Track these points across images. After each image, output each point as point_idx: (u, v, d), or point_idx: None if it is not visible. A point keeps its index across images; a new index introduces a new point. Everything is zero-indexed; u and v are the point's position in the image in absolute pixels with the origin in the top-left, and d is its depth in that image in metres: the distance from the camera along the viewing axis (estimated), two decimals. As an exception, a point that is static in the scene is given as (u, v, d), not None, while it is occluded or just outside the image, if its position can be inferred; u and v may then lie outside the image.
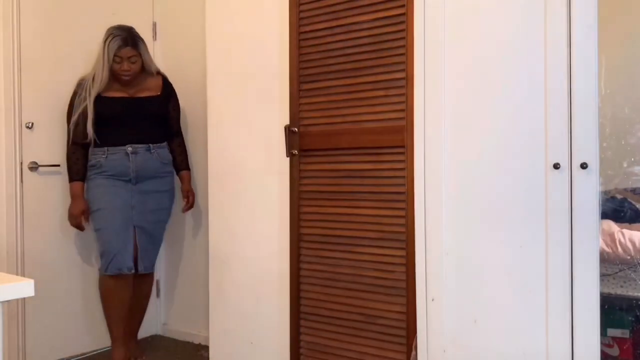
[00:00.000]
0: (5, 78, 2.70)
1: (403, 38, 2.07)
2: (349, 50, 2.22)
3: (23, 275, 2.73)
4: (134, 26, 2.82)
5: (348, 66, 2.22)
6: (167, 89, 2.93)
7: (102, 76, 2.71)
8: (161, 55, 3.35)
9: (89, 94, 2.71)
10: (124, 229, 2.74)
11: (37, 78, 2.83)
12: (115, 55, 2.70)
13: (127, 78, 2.75)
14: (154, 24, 3.36)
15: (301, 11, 2.33)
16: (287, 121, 2.37)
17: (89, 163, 2.78)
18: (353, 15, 2.20)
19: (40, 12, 2.86)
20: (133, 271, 2.76)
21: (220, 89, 2.64)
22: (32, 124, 2.81)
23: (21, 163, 2.78)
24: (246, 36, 2.54)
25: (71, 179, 2.77)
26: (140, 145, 2.79)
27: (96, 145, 2.76)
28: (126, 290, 2.77)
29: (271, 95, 2.45)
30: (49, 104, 2.87)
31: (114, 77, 2.76)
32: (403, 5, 2.06)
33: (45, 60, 2.87)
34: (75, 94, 2.78)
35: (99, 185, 2.75)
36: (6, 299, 1.16)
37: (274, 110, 2.45)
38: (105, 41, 2.71)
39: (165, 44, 3.35)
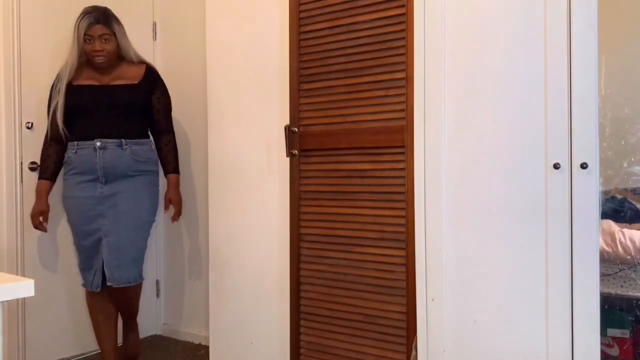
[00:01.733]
0: (5, 78, 2.70)
1: (403, 38, 2.07)
2: (349, 50, 2.21)
3: (23, 275, 2.73)
4: (133, 26, 2.80)
5: (348, 66, 2.22)
6: (150, 78, 2.66)
7: (72, 59, 2.52)
8: (161, 55, 3.35)
9: (63, 84, 2.54)
10: (94, 245, 2.55)
11: (37, 78, 2.83)
12: (85, 34, 2.50)
13: (100, 59, 2.53)
14: (154, 24, 3.36)
15: (301, 11, 2.33)
16: (287, 121, 2.37)
17: (64, 159, 2.61)
18: (353, 15, 2.20)
19: (40, 12, 2.86)
20: (99, 289, 2.57)
21: (220, 88, 2.64)
22: (32, 124, 2.81)
23: (21, 163, 2.78)
24: (246, 36, 2.54)
25: (38, 177, 2.63)
26: (110, 140, 2.52)
27: (69, 139, 2.58)
28: (110, 306, 2.65)
29: (271, 95, 2.45)
30: (49, 104, 2.87)
31: (88, 62, 2.57)
32: (403, 5, 2.06)
33: (45, 61, 2.87)
34: (53, 87, 2.61)
35: (71, 194, 2.58)
36: (6, 299, 1.16)
37: (274, 110, 2.45)
38: (76, 22, 2.53)
39: (165, 44, 3.35)
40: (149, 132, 2.73)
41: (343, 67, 2.23)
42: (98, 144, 2.52)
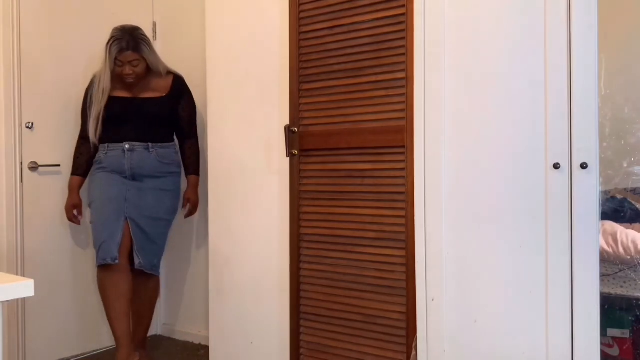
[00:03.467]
0: (5, 78, 2.70)
1: (403, 38, 2.07)
2: (349, 50, 2.21)
3: (23, 275, 2.73)
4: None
5: (348, 66, 2.22)
6: (177, 89, 2.86)
7: (105, 80, 2.69)
8: (161, 55, 3.33)
9: (96, 98, 2.70)
10: (114, 219, 2.67)
11: (37, 78, 2.83)
12: (116, 59, 2.66)
13: (130, 81, 2.72)
14: (154, 24, 3.36)
15: (301, 11, 2.33)
16: (287, 121, 2.37)
17: (94, 159, 2.80)
18: (353, 15, 2.20)
19: (40, 12, 2.86)
20: (117, 262, 2.63)
21: (220, 89, 2.64)
22: (32, 124, 2.81)
23: (21, 163, 2.78)
24: (246, 36, 2.54)
25: (71, 173, 2.81)
26: (138, 144, 2.75)
27: (100, 142, 2.77)
28: (120, 283, 2.66)
29: (271, 95, 2.45)
30: (49, 104, 2.87)
31: (118, 77, 2.73)
32: (403, 5, 2.06)
33: (45, 60, 2.87)
34: (88, 90, 2.78)
35: (96, 179, 2.77)
36: (6, 299, 1.16)
37: (274, 110, 2.45)
38: (107, 44, 2.67)
39: (165, 44, 3.35)
40: (175, 136, 2.93)
41: (343, 67, 2.23)
42: (127, 146, 2.74)
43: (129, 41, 2.67)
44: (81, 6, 3.02)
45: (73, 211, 2.79)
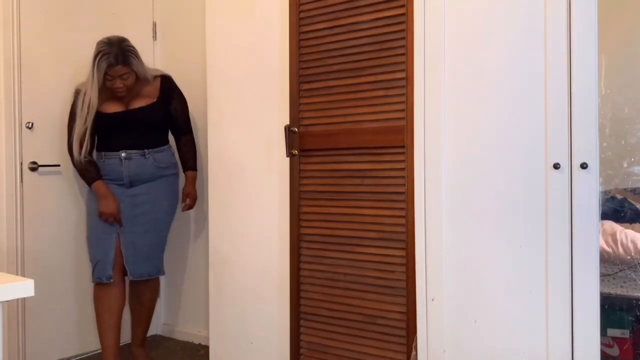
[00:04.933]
0: (5, 78, 2.70)
1: (403, 38, 2.07)
2: (349, 50, 2.21)
3: (23, 275, 2.73)
4: (133, 26, 2.79)
5: (348, 66, 2.22)
6: (165, 92, 2.81)
7: (92, 96, 2.60)
8: (161, 55, 3.35)
9: (80, 115, 2.62)
10: (106, 236, 2.68)
11: (37, 78, 2.83)
12: (106, 74, 2.59)
13: (121, 94, 2.68)
14: (154, 24, 3.36)
15: (301, 11, 2.33)
16: (287, 121, 2.37)
17: None
18: (353, 15, 2.20)
19: (40, 12, 2.86)
20: (112, 280, 2.66)
21: (220, 89, 2.64)
22: (32, 124, 2.81)
23: (21, 163, 2.78)
24: (246, 36, 2.54)
25: (93, 180, 2.68)
26: (134, 151, 2.74)
27: (96, 150, 2.76)
28: (112, 298, 2.68)
29: (271, 95, 2.45)
30: (49, 104, 2.87)
31: (109, 90, 2.67)
32: (403, 5, 2.06)
33: (45, 60, 2.87)
34: (74, 105, 2.69)
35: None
36: (6, 299, 1.16)
37: (274, 110, 2.45)
38: (94, 59, 2.59)
39: (165, 44, 3.35)
40: (170, 135, 2.93)
41: (343, 67, 2.23)
42: (123, 154, 2.73)
43: (117, 55, 2.59)
44: (81, 6, 3.02)
45: (119, 213, 2.69)
